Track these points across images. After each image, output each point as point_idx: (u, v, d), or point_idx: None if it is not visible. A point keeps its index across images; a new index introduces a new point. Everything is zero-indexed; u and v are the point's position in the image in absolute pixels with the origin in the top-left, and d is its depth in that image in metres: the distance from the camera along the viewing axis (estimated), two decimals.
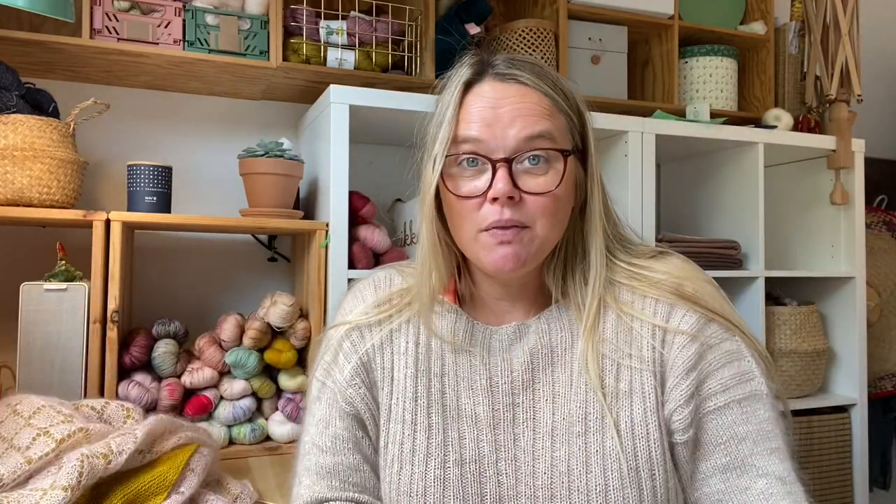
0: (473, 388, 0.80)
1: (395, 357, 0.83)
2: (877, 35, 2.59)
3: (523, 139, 0.74)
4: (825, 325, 2.01)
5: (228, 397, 1.41)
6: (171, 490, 0.87)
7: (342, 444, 0.80)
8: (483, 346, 0.82)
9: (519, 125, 0.75)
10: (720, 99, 2.01)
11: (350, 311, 0.87)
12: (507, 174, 0.74)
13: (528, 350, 0.80)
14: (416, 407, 0.80)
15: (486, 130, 0.75)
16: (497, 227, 0.74)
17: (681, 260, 0.85)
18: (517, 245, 0.75)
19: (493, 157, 0.74)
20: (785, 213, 2.13)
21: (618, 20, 1.88)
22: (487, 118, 0.76)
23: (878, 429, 2.27)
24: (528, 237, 0.75)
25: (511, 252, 0.75)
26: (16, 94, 1.33)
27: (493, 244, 0.75)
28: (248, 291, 1.72)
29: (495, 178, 0.74)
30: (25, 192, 1.28)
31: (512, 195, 0.73)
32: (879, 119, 2.60)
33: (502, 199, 0.73)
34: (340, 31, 1.56)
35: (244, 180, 1.48)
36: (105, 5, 1.41)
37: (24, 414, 0.91)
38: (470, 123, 0.76)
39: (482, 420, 0.79)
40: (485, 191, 0.75)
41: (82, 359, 1.27)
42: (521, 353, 0.80)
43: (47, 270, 1.34)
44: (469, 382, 0.81)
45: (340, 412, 0.82)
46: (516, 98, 0.76)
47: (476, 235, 0.76)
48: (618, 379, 0.77)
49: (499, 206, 0.74)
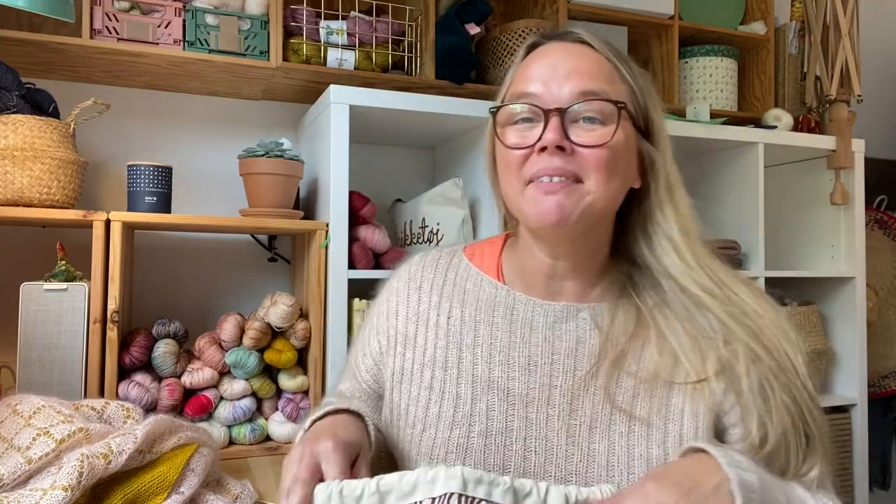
0: (510, 363, 0.78)
1: (422, 327, 0.84)
2: (877, 35, 2.59)
3: (577, 94, 0.73)
4: (825, 325, 2.01)
5: (228, 397, 1.41)
6: (171, 490, 0.87)
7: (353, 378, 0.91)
8: (525, 321, 0.79)
9: (574, 80, 0.73)
10: (720, 99, 2.01)
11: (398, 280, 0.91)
12: (559, 125, 0.71)
13: (574, 336, 0.78)
14: (444, 376, 0.80)
15: (541, 86, 0.74)
16: (545, 176, 0.72)
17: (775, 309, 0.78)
18: (563, 196, 0.71)
19: (546, 108, 0.73)
20: (785, 213, 2.13)
21: (618, 20, 1.88)
22: (545, 75, 0.74)
23: (879, 429, 2.27)
24: (578, 192, 0.72)
25: (555, 202, 0.71)
26: (16, 94, 1.33)
27: (538, 195, 0.72)
28: (248, 291, 1.72)
29: (546, 128, 0.72)
30: (25, 192, 1.28)
31: (562, 145, 0.71)
32: (879, 119, 2.60)
33: (551, 147, 0.71)
34: (340, 31, 1.56)
35: (244, 180, 1.48)
36: (105, 5, 1.41)
37: (24, 414, 0.91)
38: (528, 80, 0.75)
39: (515, 395, 0.77)
40: (535, 142, 0.73)
41: (82, 359, 1.27)
42: (566, 337, 0.78)
43: (47, 270, 1.34)
44: (506, 356, 0.78)
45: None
46: (576, 56, 0.75)
47: (523, 189, 0.74)
48: (669, 395, 0.74)
49: (547, 156, 0.72)
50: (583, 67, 0.74)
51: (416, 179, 1.86)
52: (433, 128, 1.64)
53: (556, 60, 0.75)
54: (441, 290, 0.85)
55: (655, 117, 0.78)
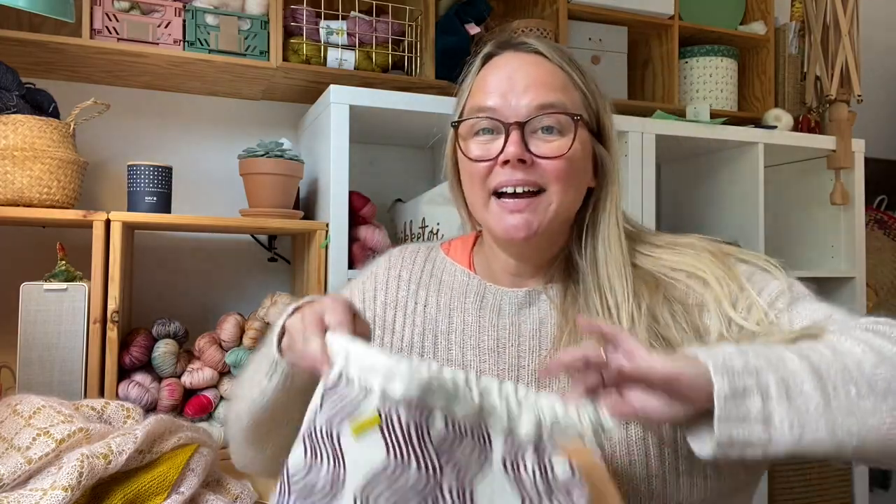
0: (481, 347, 0.80)
1: (400, 314, 0.86)
2: (877, 35, 2.59)
3: (535, 107, 0.76)
4: None
5: (228, 397, 1.41)
6: (171, 490, 0.87)
7: None
8: (493, 307, 0.82)
9: (532, 94, 0.76)
10: (720, 99, 2.01)
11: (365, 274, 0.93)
12: (520, 138, 0.75)
13: (537, 318, 0.80)
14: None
15: (500, 99, 0.77)
16: (508, 196, 0.75)
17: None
18: (529, 213, 0.75)
19: (506, 122, 0.76)
20: (785, 213, 2.13)
21: (618, 20, 1.88)
22: (502, 88, 0.77)
23: None
24: (542, 204, 0.76)
25: (523, 220, 0.75)
26: (16, 94, 1.33)
27: (504, 212, 0.76)
28: (248, 291, 1.72)
29: (507, 142, 0.75)
30: (25, 192, 1.28)
31: (523, 158, 0.74)
32: (879, 119, 2.60)
33: (513, 160, 0.74)
34: (340, 31, 1.56)
35: (244, 180, 1.48)
36: (105, 5, 1.41)
37: (24, 414, 0.91)
38: (486, 93, 0.78)
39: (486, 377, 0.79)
40: (497, 154, 0.76)
41: (82, 359, 1.27)
42: (530, 319, 0.80)
43: (47, 270, 1.34)
44: (476, 341, 0.81)
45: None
46: (531, 68, 0.78)
47: (487, 202, 0.78)
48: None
49: (510, 169, 0.75)
50: (539, 79, 0.77)
51: (416, 179, 1.86)
52: (433, 128, 1.64)
53: (513, 72, 0.78)
54: (419, 280, 0.88)
55: (606, 120, 0.82)
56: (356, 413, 0.56)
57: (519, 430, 0.56)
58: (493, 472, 0.56)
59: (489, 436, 0.57)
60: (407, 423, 0.54)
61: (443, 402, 0.55)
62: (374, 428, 0.55)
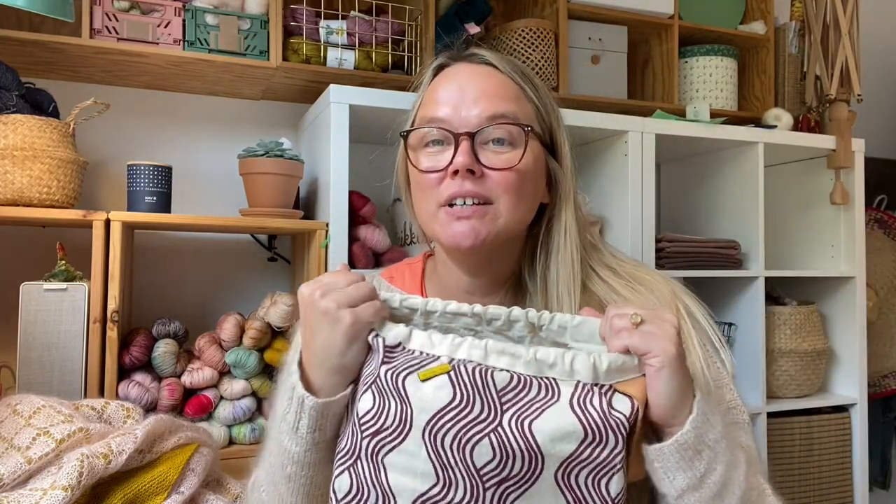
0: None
1: None
2: (877, 35, 2.59)
3: (486, 118, 0.75)
4: (825, 325, 2.01)
5: (228, 397, 1.41)
6: (171, 490, 0.87)
7: None
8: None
9: (483, 104, 0.75)
10: (720, 99, 2.01)
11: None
12: (469, 148, 0.74)
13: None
14: None
15: (450, 110, 0.76)
16: (457, 205, 0.74)
17: (663, 276, 0.82)
18: (476, 221, 0.74)
19: (456, 132, 0.74)
20: (785, 213, 2.13)
21: (618, 20, 1.88)
22: (453, 99, 0.76)
23: (878, 429, 2.27)
24: (490, 215, 0.74)
25: (469, 227, 0.74)
26: (16, 94, 1.33)
27: (451, 220, 0.75)
28: (248, 291, 1.72)
29: (457, 152, 0.74)
30: (25, 192, 1.28)
31: (472, 168, 0.73)
32: (879, 119, 2.60)
33: (462, 171, 0.73)
34: (340, 31, 1.56)
35: (244, 180, 1.48)
36: (105, 5, 1.41)
37: (24, 414, 0.91)
38: (436, 104, 0.77)
39: None
40: (446, 165, 0.74)
41: (82, 359, 1.27)
42: None
43: (47, 270, 1.34)
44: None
45: None
46: (482, 79, 0.77)
47: (436, 212, 0.76)
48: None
49: (459, 180, 0.74)
50: (490, 90, 0.76)
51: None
52: None
53: (464, 83, 0.77)
54: None
55: (559, 134, 0.81)
56: (424, 368, 0.62)
57: (581, 376, 0.61)
58: (560, 406, 0.60)
59: (556, 382, 0.62)
60: (473, 371, 0.61)
61: (506, 362, 0.62)
62: (443, 375, 0.61)
